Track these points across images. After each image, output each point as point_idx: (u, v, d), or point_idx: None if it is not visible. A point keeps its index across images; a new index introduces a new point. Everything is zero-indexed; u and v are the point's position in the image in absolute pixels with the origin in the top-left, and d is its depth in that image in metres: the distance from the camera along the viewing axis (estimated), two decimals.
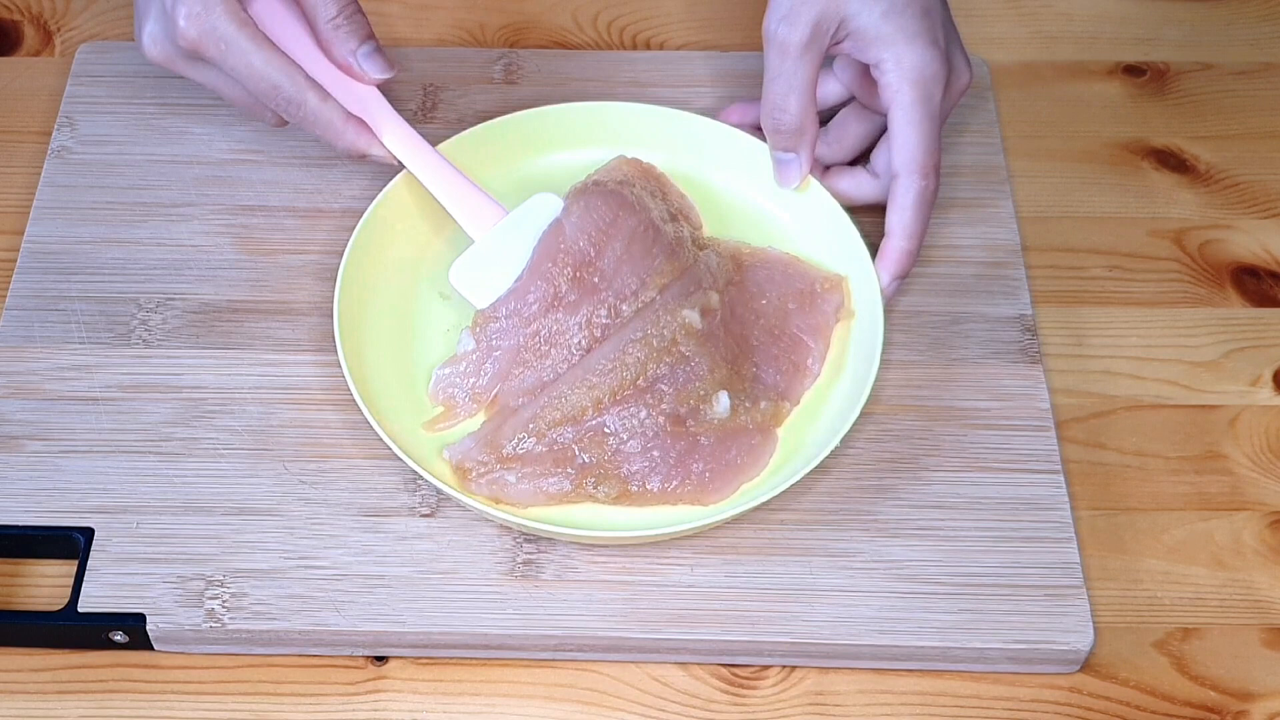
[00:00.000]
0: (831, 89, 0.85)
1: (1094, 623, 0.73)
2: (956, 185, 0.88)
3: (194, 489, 0.76)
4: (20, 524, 0.75)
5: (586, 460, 0.75)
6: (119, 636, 0.73)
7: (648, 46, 0.98)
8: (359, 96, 0.81)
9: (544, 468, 0.75)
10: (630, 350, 0.76)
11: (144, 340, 0.82)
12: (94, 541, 0.74)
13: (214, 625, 0.72)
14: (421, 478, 0.74)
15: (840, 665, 0.74)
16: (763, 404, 0.77)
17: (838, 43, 0.81)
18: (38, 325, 0.82)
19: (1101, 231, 0.89)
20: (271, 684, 0.73)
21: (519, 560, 0.75)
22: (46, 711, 0.72)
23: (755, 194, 0.86)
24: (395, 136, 0.82)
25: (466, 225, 0.81)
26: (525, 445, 0.76)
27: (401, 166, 0.82)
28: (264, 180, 0.88)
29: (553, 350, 0.78)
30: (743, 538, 0.75)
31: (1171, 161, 0.92)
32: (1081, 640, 0.73)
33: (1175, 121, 0.94)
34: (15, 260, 0.85)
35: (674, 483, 0.75)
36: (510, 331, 0.78)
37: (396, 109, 0.82)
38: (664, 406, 0.76)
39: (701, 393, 0.76)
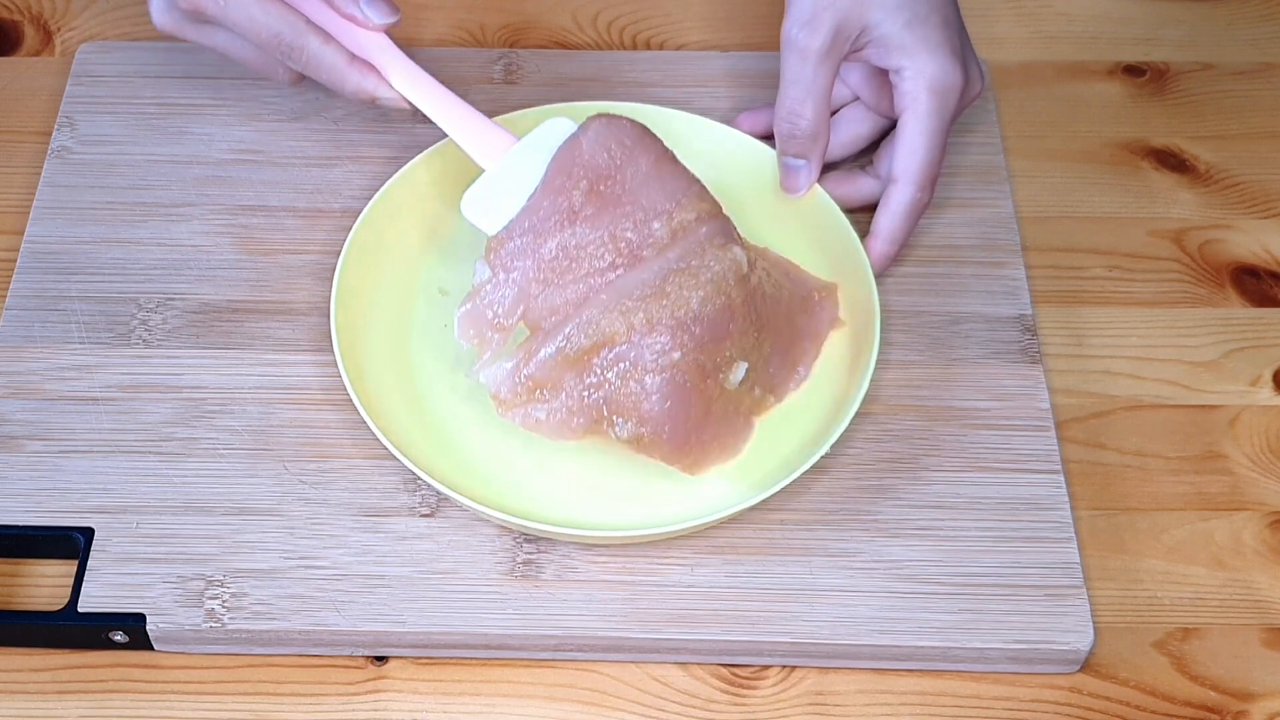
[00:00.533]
0: (837, 91, 0.85)
1: (1094, 623, 0.73)
2: (956, 185, 0.88)
3: (194, 489, 0.77)
4: (20, 524, 0.75)
5: (608, 393, 0.74)
6: (119, 636, 0.73)
7: (648, 46, 0.98)
8: (365, 43, 0.81)
9: (571, 402, 0.74)
10: (672, 279, 0.74)
11: (144, 340, 0.82)
12: (94, 541, 0.74)
13: (214, 625, 0.72)
14: (420, 478, 0.74)
15: (840, 665, 0.74)
16: (756, 390, 0.77)
17: (857, 50, 0.81)
18: (38, 325, 0.82)
19: (1101, 231, 0.89)
20: (271, 684, 0.73)
21: (519, 560, 0.75)
22: (46, 711, 0.72)
23: (756, 196, 0.86)
24: (403, 76, 0.81)
25: (477, 156, 0.80)
26: (555, 374, 0.74)
27: (411, 108, 0.81)
28: (264, 180, 0.88)
29: (573, 265, 0.75)
30: (743, 538, 0.75)
31: (1171, 161, 0.93)
32: (1081, 640, 0.73)
33: (1175, 121, 0.94)
34: (15, 260, 0.85)
35: (681, 445, 0.74)
36: (526, 250, 0.76)
37: (396, 110, 0.81)
38: (698, 356, 0.74)
39: (728, 353, 0.75)
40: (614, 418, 0.74)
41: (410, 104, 0.81)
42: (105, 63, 0.93)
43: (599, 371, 0.74)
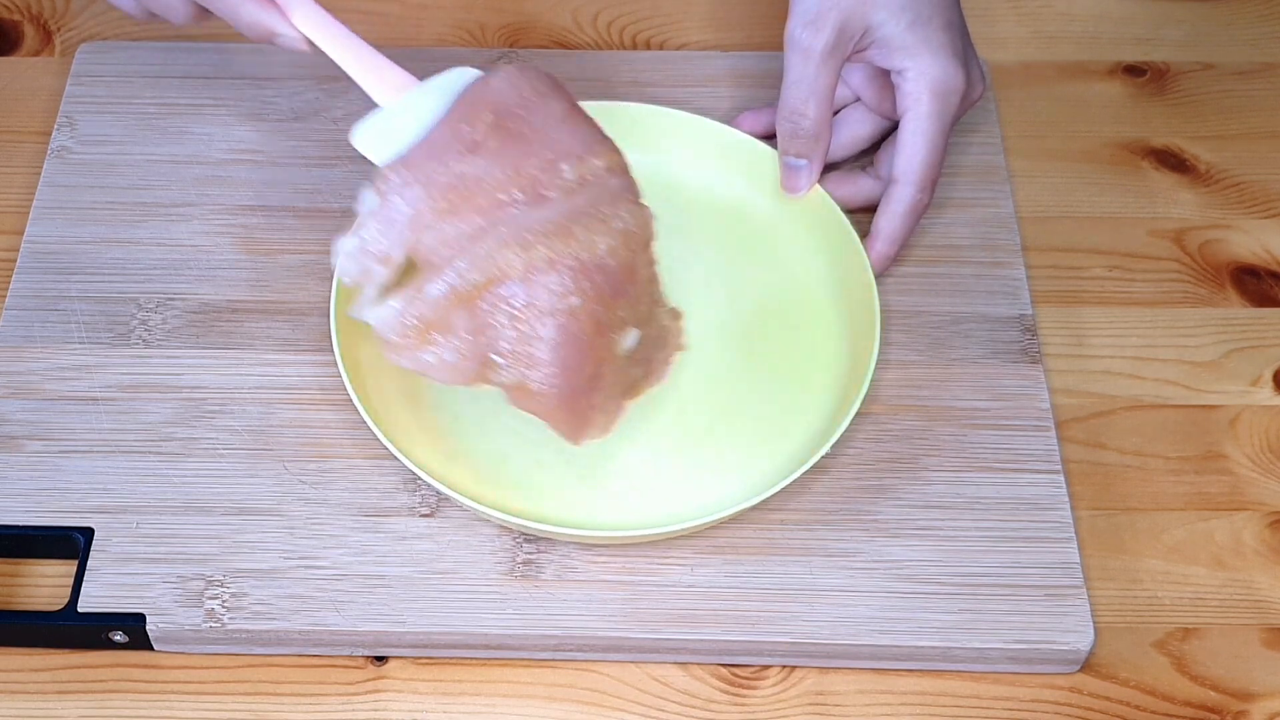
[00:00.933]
0: (839, 92, 0.85)
1: (1094, 623, 0.73)
2: (956, 185, 0.88)
3: (194, 489, 0.76)
4: (20, 524, 0.75)
5: (497, 334, 0.69)
6: (119, 636, 0.73)
7: (648, 46, 0.98)
8: None
9: (461, 344, 0.70)
10: (581, 221, 0.69)
11: (144, 340, 0.82)
12: (94, 541, 0.74)
13: (214, 625, 0.72)
14: (420, 478, 0.74)
15: (840, 665, 0.74)
16: (638, 369, 0.76)
17: (860, 50, 0.81)
18: (38, 325, 0.82)
19: (1101, 231, 0.89)
20: (271, 684, 0.73)
21: (519, 560, 0.75)
22: (46, 711, 0.72)
23: (756, 196, 0.86)
24: (304, 14, 0.77)
25: (376, 94, 0.76)
26: (445, 314, 0.69)
27: (311, 47, 0.78)
28: (264, 180, 0.88)
29: (471, 197, 0.69)
30: (743, 538, 0.75)
31: (1171, 161, 0.93)
32: (1081, 640, 0.73)
33: (1175, 121, 0.94)
34: (15, 260, 0.85)
35: (568, 403, 0.71)
36: (419, 179, 0.70)
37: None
38: (595, 308, 0.69)
39: (622, 314, 0.71)
40: (498, 359, 0.69)
41: (309, 43, 0.77)
42: (105, 63, 0.93)
43: (489, 310, 0.69)
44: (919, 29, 0.80)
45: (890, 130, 0.85)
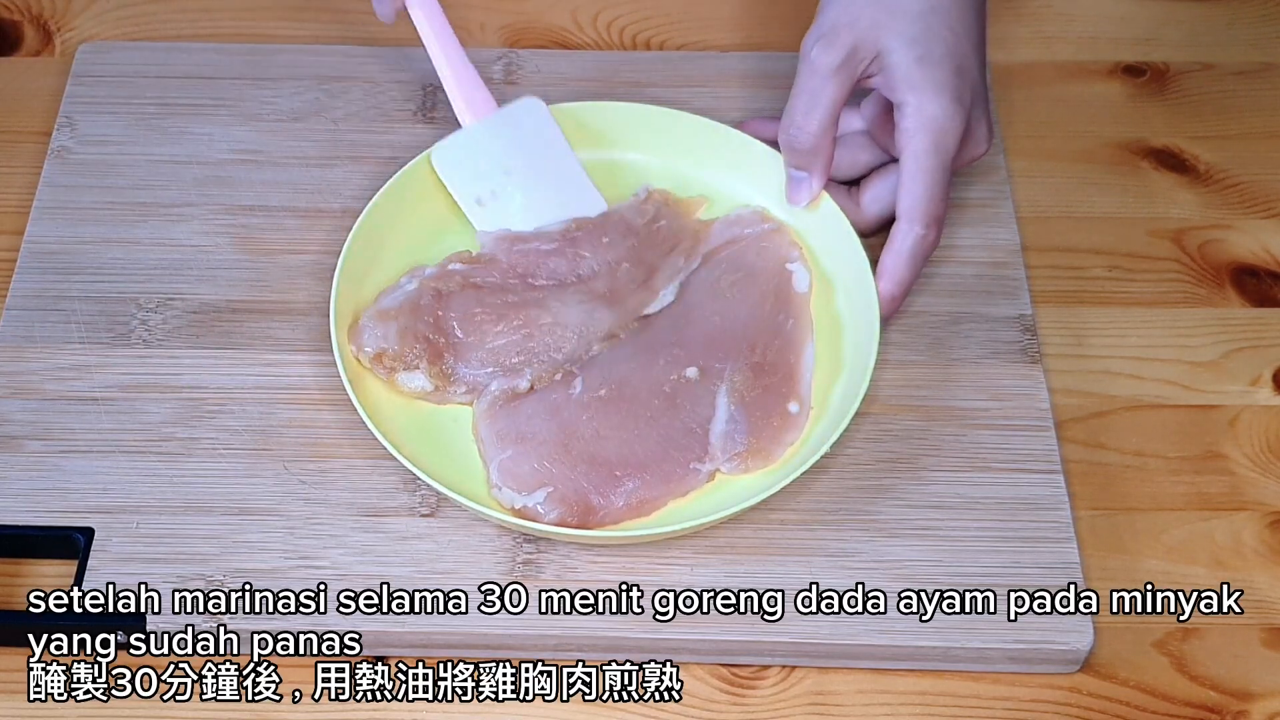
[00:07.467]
0: (852, 123, 0.85)
1: (1094, 623, 0.73)
2: (957, 185, 0.88)
3: (194, 489, 0.76)
4: (20, 524, 0.75)
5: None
6: (119, 636, 0.72)
7: (647, 46, 0.98)
8: None
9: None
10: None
11: (144, 340, 0.82)
12: (94, 541, 0.74)
13: (214, 625, 0.72)
14: (419, 478, 0.74)
15: (840, 665, 0.74)
16: None
17: (869, 75, 0.81)
18: (38, 325, 0.82)
19: (1101, 231, 0.89)
20: (271, 684, 0.73)
21: (519, 560, 0.75)
22: (47, 711, 0.72)
23: (755, 197, 0.86)
24: (422, 9, 0.86)
25: (458, 109, 0.85)
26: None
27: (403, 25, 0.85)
28: (264, 180, 0.88)
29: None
30: (742, 538, 0.75)
31: (1171, 161, 0.92)
32: (1081, 640, 0.73)
33: (1175, 121, 0.94)
34: (15, 260, 0.85)
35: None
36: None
37: (396, 110, 0.81)
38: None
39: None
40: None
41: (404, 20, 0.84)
42: (105, 63, 0.93)
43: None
44: (926, 66, 0.79)
45: (888, 162, 0.85)
